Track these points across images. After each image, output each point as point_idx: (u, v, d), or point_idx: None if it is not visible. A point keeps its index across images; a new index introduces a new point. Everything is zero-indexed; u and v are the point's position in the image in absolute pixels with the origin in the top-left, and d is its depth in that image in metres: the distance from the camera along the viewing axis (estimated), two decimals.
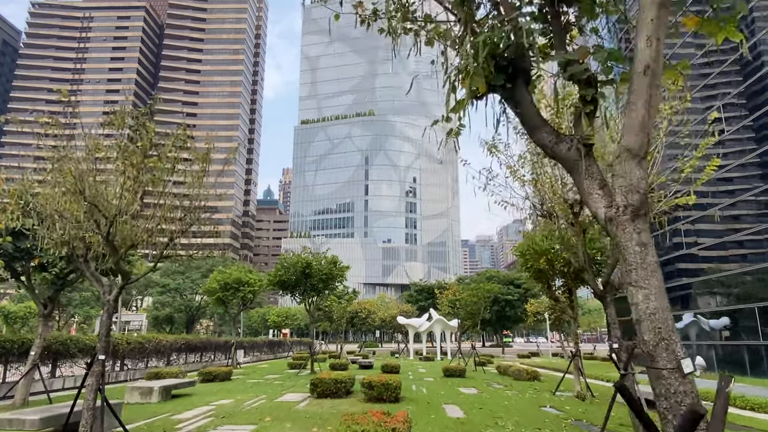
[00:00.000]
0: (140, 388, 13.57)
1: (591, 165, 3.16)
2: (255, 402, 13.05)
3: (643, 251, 3.05)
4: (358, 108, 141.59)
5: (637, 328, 3.10)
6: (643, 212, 3.14)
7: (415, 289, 78.14)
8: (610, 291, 8.25)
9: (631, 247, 3.08)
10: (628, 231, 3.14)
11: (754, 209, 22.72)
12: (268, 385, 17.56)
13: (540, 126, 3.40)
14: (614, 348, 8.19)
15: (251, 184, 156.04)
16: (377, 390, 12.65)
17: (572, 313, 15.09)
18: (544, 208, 8.83)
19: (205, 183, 8.39)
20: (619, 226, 3.15)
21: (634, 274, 3.07)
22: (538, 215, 9.05)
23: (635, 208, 3.12)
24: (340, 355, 33.69)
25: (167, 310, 57.04)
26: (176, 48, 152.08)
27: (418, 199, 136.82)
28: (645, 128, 2.98)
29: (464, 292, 33.52)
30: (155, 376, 17.82)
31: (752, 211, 22.70)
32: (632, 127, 3.06)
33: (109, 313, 7.86)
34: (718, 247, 25.07)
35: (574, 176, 3.25)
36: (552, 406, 12.62)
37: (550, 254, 14.67)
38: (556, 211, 8.45)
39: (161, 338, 23.08)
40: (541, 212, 8.92)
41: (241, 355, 33.13)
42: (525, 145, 9.32)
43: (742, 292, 21.93)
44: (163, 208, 7.65)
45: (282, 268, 23.20)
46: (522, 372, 20.26)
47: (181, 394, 14.85)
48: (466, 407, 12.28)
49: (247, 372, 24.11)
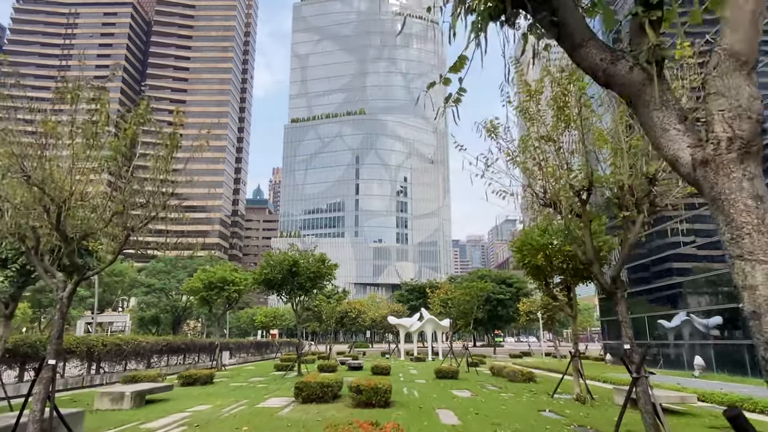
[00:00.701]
0: (111, 393, 12.62)
1: (665, 90, 2.28)
2: (235, 408, 12.16)
3: (760, 207, 2.12)
4: (349, 106, 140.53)
5: (752, 326, 2.14)
6: (756, 148, 2.20)
7: (406, 288, 77.42)
8: (620, 286, 7.49)
9: (741, 200, 2.14)
10: (735, 177, 2.17)
11: None
12: (251, 389, 16.67)
13: (587, 40, 2.45)
14: (626, 349, 7.44)
15: (240, 183, 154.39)
16: (366, 394, 11.82)
17: (571, 311, 14.39)
18: (547, 197, 8.05)
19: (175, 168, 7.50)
20: (721, 171, 2.19)
21: (748, 241, 2.11)
22: (540, 205, 8.28)
23: (745, 141, 2.18)
24: (329, 356, 32.81)
25: (153, 310, 55.65)
26: (164, 45, 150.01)
27: (409, 198, 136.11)
28: (756, 25, 2.15)
29: (456, 290, 32.81)
30: (132, 380, 16.84)
31: None
32: (738, 23, 2.14)
33: (62, 311, 6.96)
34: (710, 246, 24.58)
35: (639, 109, 2.32)
36: (551, 411, 11.88)
37: (548, 250, 13.98)
38: (561, 199, 7.70)
39: (140, 339, 22.05)
40: (544, 201, 8.14)
41: (227, 356, 32.17)
42: (526, 130, 8.55)
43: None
44: (122, 193, 6.76)
45: (268, 267, 22.30)
46: (517, 373, 19.55)
47: (156, 399, 13.92)
48: (460, 412, 11.51)
49: (232, 374, 23.16)
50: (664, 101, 2.21)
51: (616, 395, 13.58)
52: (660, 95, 2.19)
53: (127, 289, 61.67)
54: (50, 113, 6.61)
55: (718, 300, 23.86)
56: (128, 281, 61.30)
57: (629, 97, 2.36)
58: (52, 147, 6.50)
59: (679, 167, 2.23)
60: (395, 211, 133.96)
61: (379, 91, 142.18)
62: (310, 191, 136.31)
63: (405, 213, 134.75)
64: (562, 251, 13.68)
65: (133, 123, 6.60)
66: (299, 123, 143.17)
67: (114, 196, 6.81)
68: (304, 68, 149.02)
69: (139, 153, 7.65)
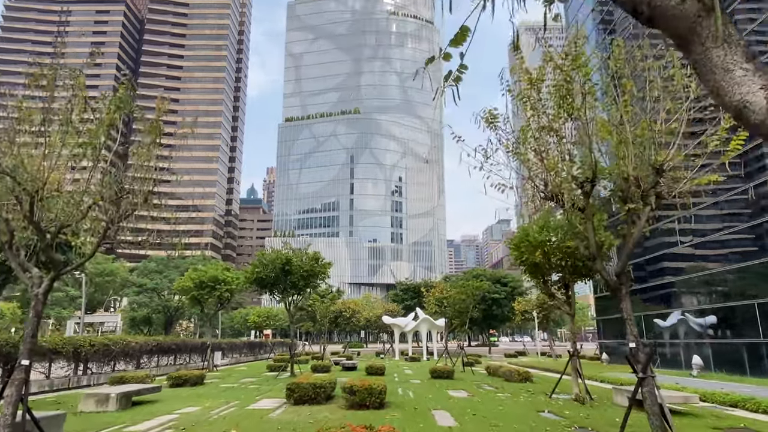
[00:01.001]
0: (96, 395, 12.19)
1: (726, 23, 1.86)
2: (224, 410, 11.76)
3: None
4: (343, 106, 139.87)
5: None
6: None
7: (400, 288, 77.05)
8: (625, 282, 7.18)
9: None
10: None
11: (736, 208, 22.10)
12: (242, 390, 16.26)
13: None
14: (631, 348, 7.12)
15: (234, 183, 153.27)
16: (360, 395, 11.46)
17: (569, 309, 14.10)
18: (549, 190, 7.71)
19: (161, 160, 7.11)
20: None
21: None
22: (541, 198, 7.93)
23: None
24: (323, 357, 32.41)
25: (144, 310, 54.97)
26: (157, 44, 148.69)
27: (403, 198, 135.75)
28: None
29: (452, 289, 32.50)
30: (119, 381, 16.44)
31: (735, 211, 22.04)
32: None
33: (37, 309, 6.55)
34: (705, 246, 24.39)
35: (693, 48, 1.92)
36: (550, 411, 11.58)
37: (547, 247, 13.68)
38: (563, 192, 7.36)
39: (129, 339, 21.57)
40: (545, 194, 7.80)
41: (219, 357, 31.70)
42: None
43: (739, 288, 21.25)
44: (101, 183, 6.37)
45: (260, 265, 21.88)
46: (513, 373, 19.26)
47: (144, 400, 13.49)
48: (457, 413, 11.18)
49: (223, 375, 22.74)
50: (726, 36, 1.85)
51: (616, 395, 13.30)
52: (724, 29, 1.83)
53: (119, 289, 60.89)
54: (23, 98, 6.22)
55: (712, 299, 23.70)
56: (120, 281, 60.55)
57: (679, 36, 1.99)
58: (25, 133, 6.10)
59: (747, 115, 1.84)
60: (390, 211, 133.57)
61: (373, 90, 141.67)
62: (304, 190, 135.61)
63: (400, 213, 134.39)
64: (561, 248, 13.38)
65: (113, 108, 6.21)
66: (293, 122, 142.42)
67: (91, 186, 6.41)
68: (299, 67, 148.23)
69: (121, 141, 7.28)
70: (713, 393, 13.40)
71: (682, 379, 18.50)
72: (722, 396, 12.98)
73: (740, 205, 21.94)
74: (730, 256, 22.66)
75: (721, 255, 23.49)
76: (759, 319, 19.11)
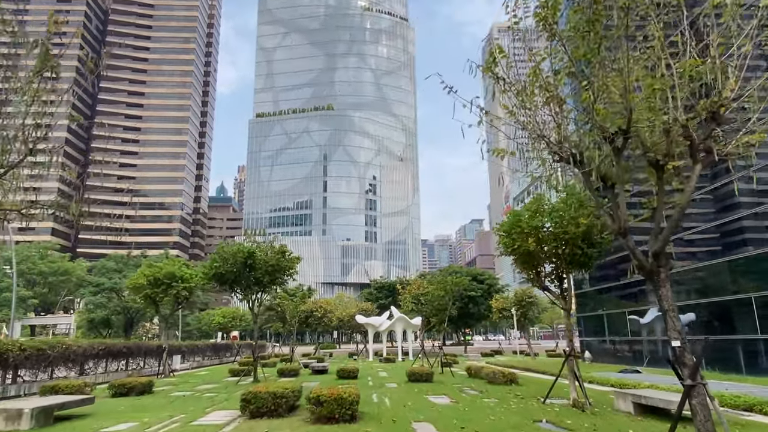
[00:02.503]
0: (6, 411, 10.03)
1: None
2: (164, 427, 9.76)
3: None
4: (317, 102, 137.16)
5: None
6: None
7: (375, 286, 75.36)
8: (664, 264, 5.59)
9: None
10: None
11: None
12: (194, 400, 14.21)
13: None
14: (675, 348, 5.52)
15: (203, 180, 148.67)
16: (328, 407, 9.64)
17: (565, 303, 12.59)
18: (565, 147, 6.05)
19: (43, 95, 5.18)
20: None
21: None
22: (555, 160, 6.29)
23: None
24: (292, 359, 30.37)
25: (103, 312, 51.60)
26: (122, 35, 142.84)
27: (377, 196, 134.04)
28: None
29: (430, 286, 30.91)
30: (51, 391, 14.19)
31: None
32: None
33: None
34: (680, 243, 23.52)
35: None
36: (549, 421, 9.98)
37: (540, 233, 12.15)
38: (588, 147, 5.73)
39: (70, 343, 19.15)
40: (560, 154, 6.12)
41: (178, 361, 29.37)
42: None
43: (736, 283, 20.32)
44: None
45: (219, 260, 19.78)
46: (497, 374, 17.71)
47: (71, 415, 11.37)
48: (442, 425, 9.48)
49: (179, 381, 20.52)
50: None
51: (618, 400, 11.84)
52: None
53: (74, 289, 57.10)
54: None
55: (690, 296, 22.80)
56: (75, 280, 56.79)
57: None
58: None
59: None
60: (364, 209, 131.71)
61: (347, 86, 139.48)
62: (276, 188, 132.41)
63: (374, 211, 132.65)
64: (556, 234, 11.87)
65: None
66: (265, 117, 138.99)
67: None
68: (270, 62, 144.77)
69: None
70: (721, 395, 12.06)
71: (671, 379, 17.23)
72: (733, 399, 11.66)
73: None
74: (715, 251, 21.74)
75: (706, 250, 22.60)
76: (756, 315, 18.09)
